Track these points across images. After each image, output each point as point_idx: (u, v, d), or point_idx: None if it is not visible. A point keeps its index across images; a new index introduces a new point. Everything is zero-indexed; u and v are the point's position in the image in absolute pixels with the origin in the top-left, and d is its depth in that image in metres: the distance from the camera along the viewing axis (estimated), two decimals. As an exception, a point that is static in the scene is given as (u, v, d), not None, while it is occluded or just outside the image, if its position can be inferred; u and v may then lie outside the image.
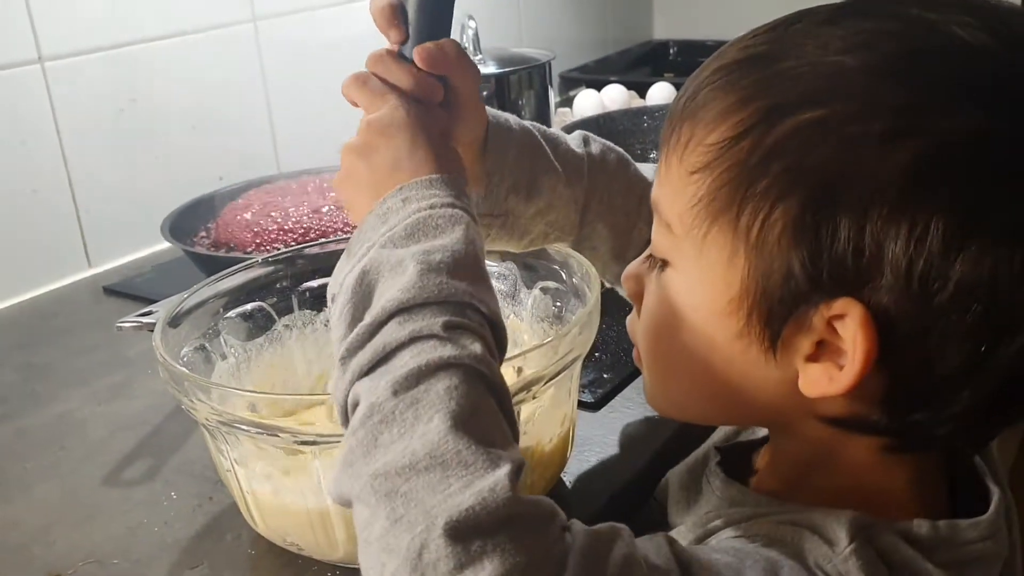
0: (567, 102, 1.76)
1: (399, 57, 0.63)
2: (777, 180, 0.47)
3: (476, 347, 0.48)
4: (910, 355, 0.47)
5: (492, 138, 0.70)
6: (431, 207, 0.54)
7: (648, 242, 0.77)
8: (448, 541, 0.40)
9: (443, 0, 0.63)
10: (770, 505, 0.55)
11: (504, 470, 0.43)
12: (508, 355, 0.64)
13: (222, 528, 0.75)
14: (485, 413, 0.46)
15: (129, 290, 1.20)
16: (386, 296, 0.49)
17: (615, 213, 0.77)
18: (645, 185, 0.77)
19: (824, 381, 0.49)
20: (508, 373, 0.64)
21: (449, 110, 0.64)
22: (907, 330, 0.46)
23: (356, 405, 0.48)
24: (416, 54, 0.61)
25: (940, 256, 0.45)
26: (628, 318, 0.63)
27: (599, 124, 1.44)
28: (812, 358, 0.49)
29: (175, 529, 0.75)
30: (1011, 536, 0.54)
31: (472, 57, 0.73)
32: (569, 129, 0.91)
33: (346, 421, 0.49)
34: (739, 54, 0.51)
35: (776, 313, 0.49)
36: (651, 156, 1.44)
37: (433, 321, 0.48)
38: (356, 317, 0.51)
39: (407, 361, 0.46)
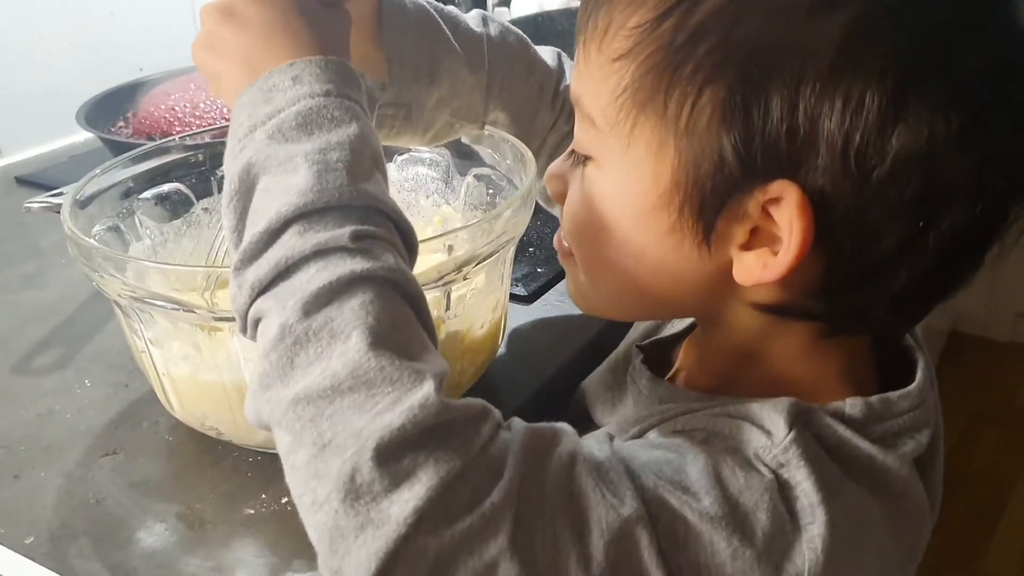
0: (505, 1, 1.71)
1: None
2: (703, 61, 0.45)
3: (388, 257, 0.45)
4: (847, 236, 0.46)
5: (387, 19, 0.65)
6: (326, 94, 0.48)
7: (549, 129, 0.75)
8: (380, 461, 0.39)
9: None
10: (702, 400, 0.54)
11: (430, 383, 0.41)
12: (441, 233, 0.62)
13: (138, 415, 0.72)
14: (404, 325, 0.44)
15: (42, 180, 1.14)
16: (280, 200, 0.45)
17: (516, 99, 0.73)
18: (546, 69, 0.74)
19: (759, 268, 0.47)
20: (439, 251, 0.62)
21: None
22: (844, 210, 0.45)
23: (258, 320, 0.45)
24: None
25: (877, 129, 0.43)
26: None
27: (537, 23, 1.40)
28: (746, 246, 0.48)
29: (88, 416, 0.72)
30: (935, 406, 0.54)
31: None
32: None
33: (245, 330, 0.46)
34: None
35: (709, 204, 0.47)
36: (590, 57, 1.41)
37: (338, 232, 0.44)
38: (243, 214, 0.47)
39: (313, 276, 0.43)
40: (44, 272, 0.94)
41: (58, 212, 0.79)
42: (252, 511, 0.62)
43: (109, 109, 1.18)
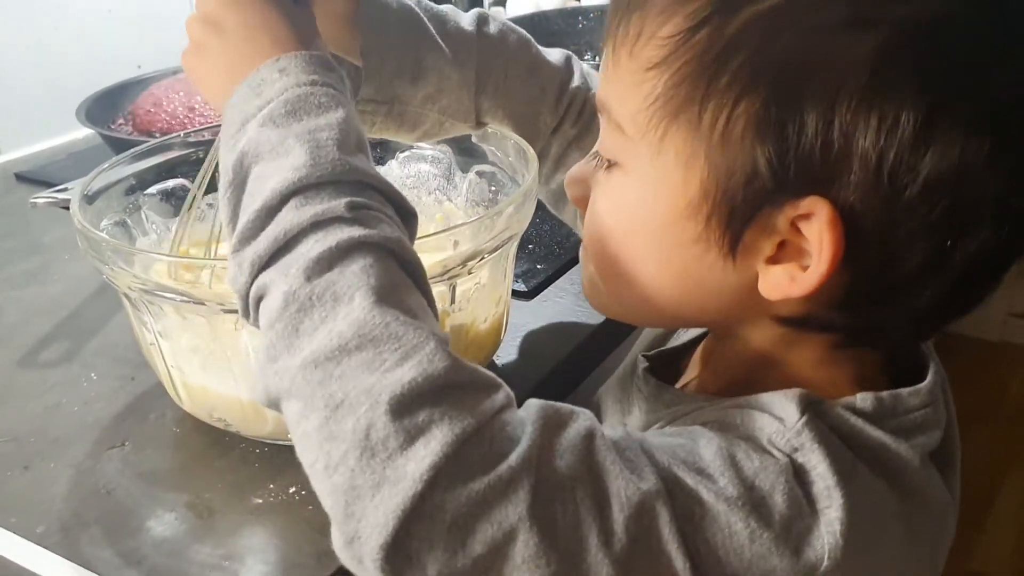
0: (500, 1, 1.72)
1: None
2: (739, 73, 0.45)
3: (384, 227, 0.46)
4: (874, 253, 0.46)
5: (365, 11, 0.66)
6: (312, 83, 0.50)
7: (552, 131, 0.74)
8: (394, 417, 0.39)
9: None
10: (711, 400, 0.54)
11: (435, 339, 0.42)
12: (445, 228, 0.63)
13: (145, 407, 0.73)
14: (403, 288, 0.44)
15: (42, 177, 1.15)
16: (275, 178, 0.46)
17: (515, 98, 0.73)
18: (550, 70, 0.73)
19: (786, 283, 0.47)
20: (445, 247, 0.63)
21: None
22: (873, 228, 0.45)
23: (260, 299, 0.46)
24: None
25: (910, 149, 0.43)
26: (581, 223, 0.60)
27: (532, 23, 1.41)
28: (773, 260, 0.48)
29: (95, 409, 0.73)
30: (948, 409, 0.54)
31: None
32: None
33: (247, 314, 0.47)
34: None
35: (738, 215, 0.47)
36: (586, 58, 1.42)
37: (334, 203, 0.45)
38: (237, 202, 0.48)
39: (313, 246, 0.44)
40: (48, 267, 0.95)
41: (63, 207, 0.79)
42: (260, 500, 0.63)
43: (109, 106, 1.18)
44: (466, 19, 0.72)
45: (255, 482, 0.64)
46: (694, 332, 0.64)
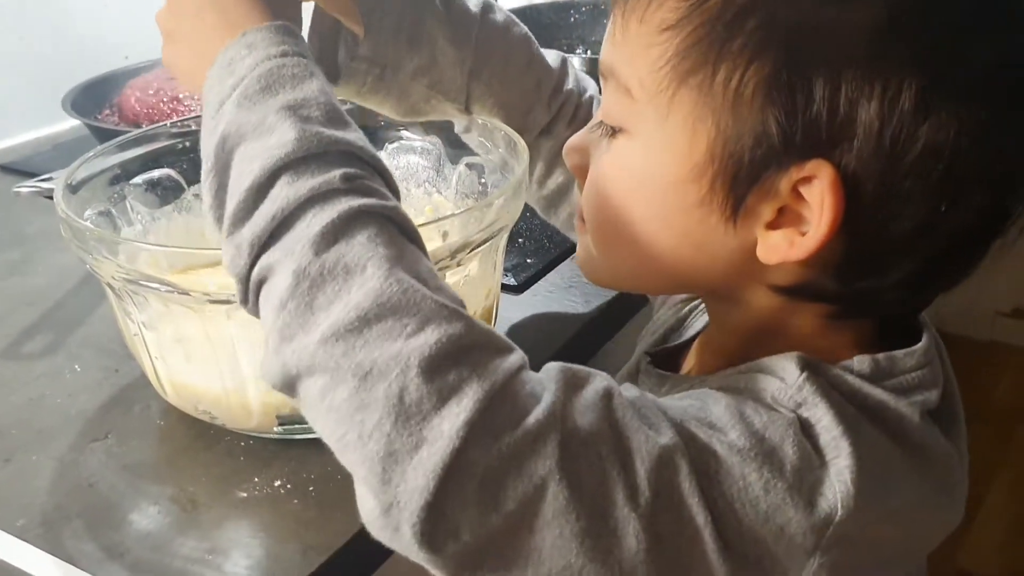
0: (492, -4, 1.71)
1: None
2: (751, 37, 0.45)
3: (379, 194, 0.46)
4: (870, 218, 0.47)
5: None
6: (283, 55, 0.50)
7: (542, 129, 0.75)
8: (426, 379, 0.40)
9: None
10: (706, 378, 0.54)
11: (452, 301, 0.42)
12: (434, 220, 0.63)
13: (130, 400, 0.72)
14: (411, 254, 0.45)
15: (27, 167, 1.14)
16: (262, 157, 0.46)
17: (509, 89, 0.73)
18: (547, 68, 0.74)
19: (784, 247, 0.48)
20: (434, 238, 0.62)
21: None
22: (872, 192, 0.46)
23: (262, 281, 0.45)
24: None
25: (911, 116, 0.44)
26: (578, 192, 0.59)
27: (525, 16, 1.40)
28: (772, 225, 0.48)
29: (80, 401, 0.72)
30: (944, 368, 0.55)
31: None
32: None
33: (246, 298, 0.47)
34: None
35: (743, 178, 0.47)
36: (578, 51, 1.42)
37: (327, 175, 0.45)
38: (222, 184, 0.48)
39: (313, 220, 0.44)
40: (31, 258, 0.94)
41: (47, 197, 0.79)
42: (245, 494, 0.62)
43: (95, 97, 1.17)
44: (473, 2, 0.72)
45: (240, 475, 0.63)
46: (695, 329, 0.65)
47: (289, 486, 0.62)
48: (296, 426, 0.64)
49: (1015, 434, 2.18)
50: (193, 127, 0.80)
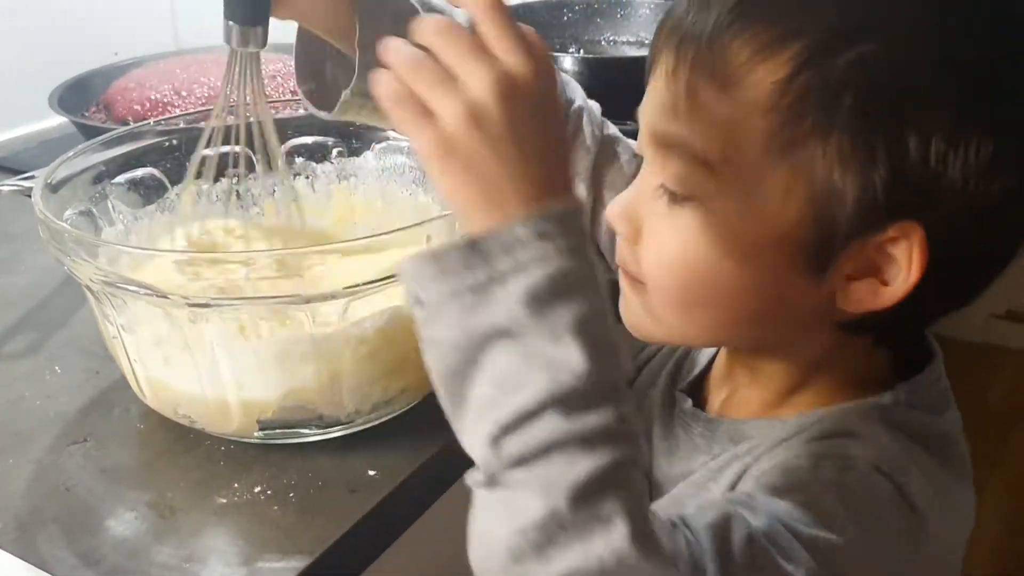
0: (486, -6, 1.70)
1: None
2: (839, 112, 0.47)
3: (638, 439, 0.44)
4: (949, 266, 0.50)
5: (364, 2, 0.64)
6: (572, 251, 0.43)
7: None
8: None
9: None
10: (773, 426, 0.56)
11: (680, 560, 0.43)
12: (419, 222, 0.62)
13: (109, 402, 0.71)
14: (653, 514, 0.44)
15: (13, 164, 1.12)
16: (547, 375, 0.42)
17: None
18: (572, 107, 0.71)
19: (869, 298, 0.50)
20: (418, 240, 0.61)
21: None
22: (953, 244, 0.49)
23: (499, 483, 0.43)
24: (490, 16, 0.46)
25: (987, 175, 0.48)
26: (618, 249, 0.58)
27: (518, 15, 1.39)
28: (853, 276, 0.51)
29: (59, 403, 0.71)
30: None
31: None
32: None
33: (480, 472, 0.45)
34: None
35: (834, 241, 0.49)
36: (571, 50, 1.41)
37: (603, 419, 0.42)
38: (466, 375, 0.44)
39: (579, 462, 0.42)
40: (15, 257, 0.93)
41: (29, 196, 0.78)
42: (224, 500, 0.61)
43: (83, 94, 1.16)
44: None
45: (219, 480, 0.62)
46: (711, 352, 0.65)
47: (269, 492, 0.61)
48: (276, 431, 0.63)
49: (1010, 436, 2.17)
50: (181, 125, 0.79)
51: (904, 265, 0.49)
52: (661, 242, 0.54)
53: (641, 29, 1.42)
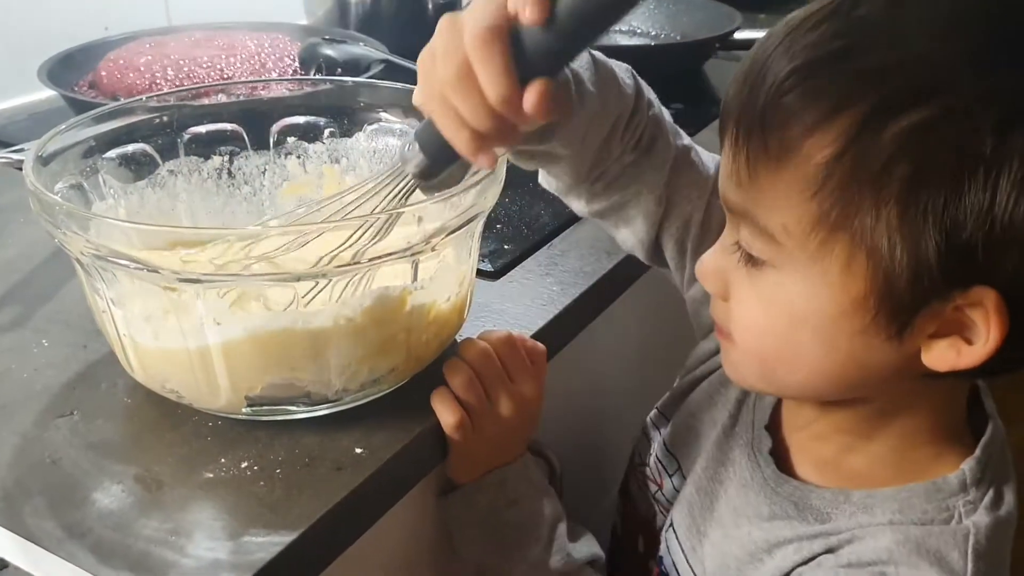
0: None
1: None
2: (893, 185, 0.47)
3: None
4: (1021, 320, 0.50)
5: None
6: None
7: (614, 159, 0.67)
8: None
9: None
10: (839, 508, 0.59)
11: None
12: (410, 205, 0.62)
13: (97, 376, 0.71)
14: None
15: (1, 137, 1.11)
16: None
17: (589, 142, 0.66)
18: (622, 98, 0.65)
19: (953, 356, 0.51)
20: (408, 222, 0.61)
21: None
22: None
23: None
24: None
25: None
26: (712, 304, 0.61)
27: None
28: (935, 334, 0.51)
29: (45, 376, 0.71)
30: None
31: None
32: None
33: None
34: (811, 53, 0.49)
35: (906, 307, 0.50)
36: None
37: None
38: None
39: None
40: (2, 230, 0.92)
41: (17, 168, 0.77)
42: (211, 475, 0.61)
43: (73, 67, 1.15)
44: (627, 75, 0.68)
45: (206, 455, 0.63)
46: None
47: (256, 468, 0.62)
48: (264, 408, 0.64)
49: (1008, 437, 2.19)
50: (172, 101, 0.79)
51: (983, 328, 0.50)
52: (745, 304, 0.57)
53: (633, 19, 1.42)
